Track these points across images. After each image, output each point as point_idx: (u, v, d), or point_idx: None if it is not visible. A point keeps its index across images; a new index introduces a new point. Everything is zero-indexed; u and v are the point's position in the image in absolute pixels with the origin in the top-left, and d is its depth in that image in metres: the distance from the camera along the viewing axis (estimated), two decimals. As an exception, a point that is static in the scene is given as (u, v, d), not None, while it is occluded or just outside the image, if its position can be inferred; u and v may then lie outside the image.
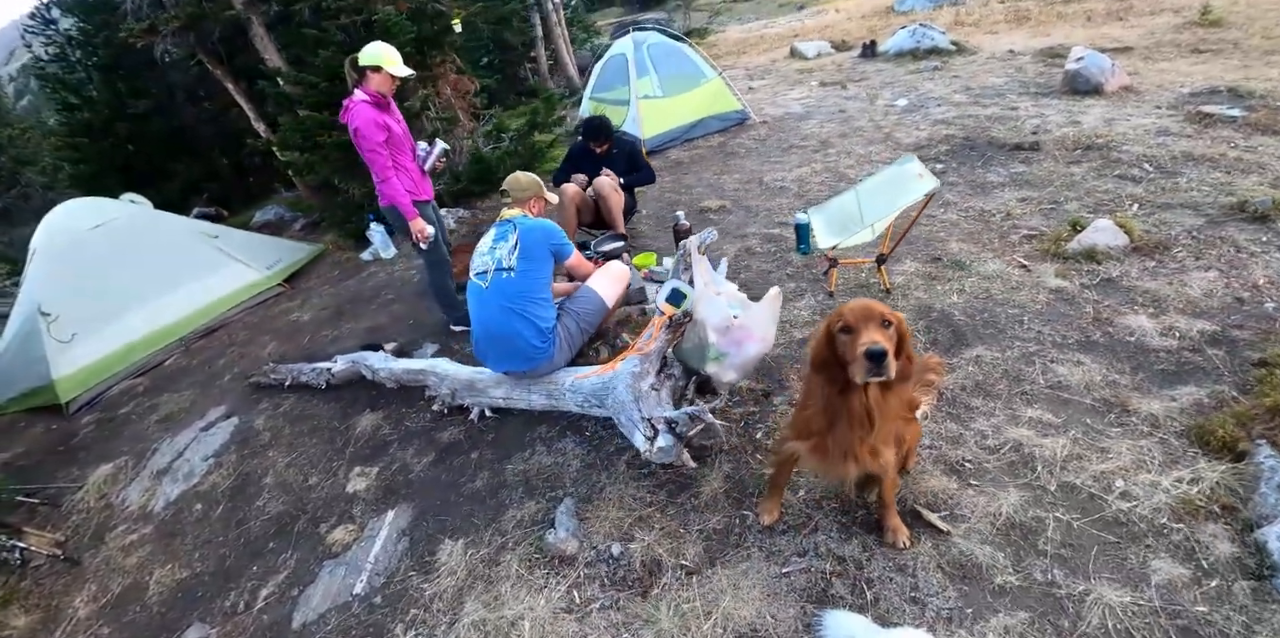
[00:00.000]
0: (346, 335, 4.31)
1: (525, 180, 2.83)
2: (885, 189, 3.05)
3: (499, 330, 2.45)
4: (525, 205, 2.81)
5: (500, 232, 2.63)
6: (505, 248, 2.54)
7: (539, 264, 2.53)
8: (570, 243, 2.72)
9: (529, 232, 2.56)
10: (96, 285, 4.91)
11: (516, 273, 2.47)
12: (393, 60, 3.03)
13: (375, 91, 3.04)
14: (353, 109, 2.98)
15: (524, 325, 2.42)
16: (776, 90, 8.39)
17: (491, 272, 2.52)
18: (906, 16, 13.23)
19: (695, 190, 5.14)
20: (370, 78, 3.03)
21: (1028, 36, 9.12)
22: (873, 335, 1.46)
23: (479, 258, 2.61)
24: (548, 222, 2.69)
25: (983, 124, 5.29)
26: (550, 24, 11.09)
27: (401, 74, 3.05)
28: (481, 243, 2.68)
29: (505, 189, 2.80)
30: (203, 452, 3.45)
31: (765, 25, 16.68)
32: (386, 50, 3.02)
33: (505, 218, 2.70)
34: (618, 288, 2.81)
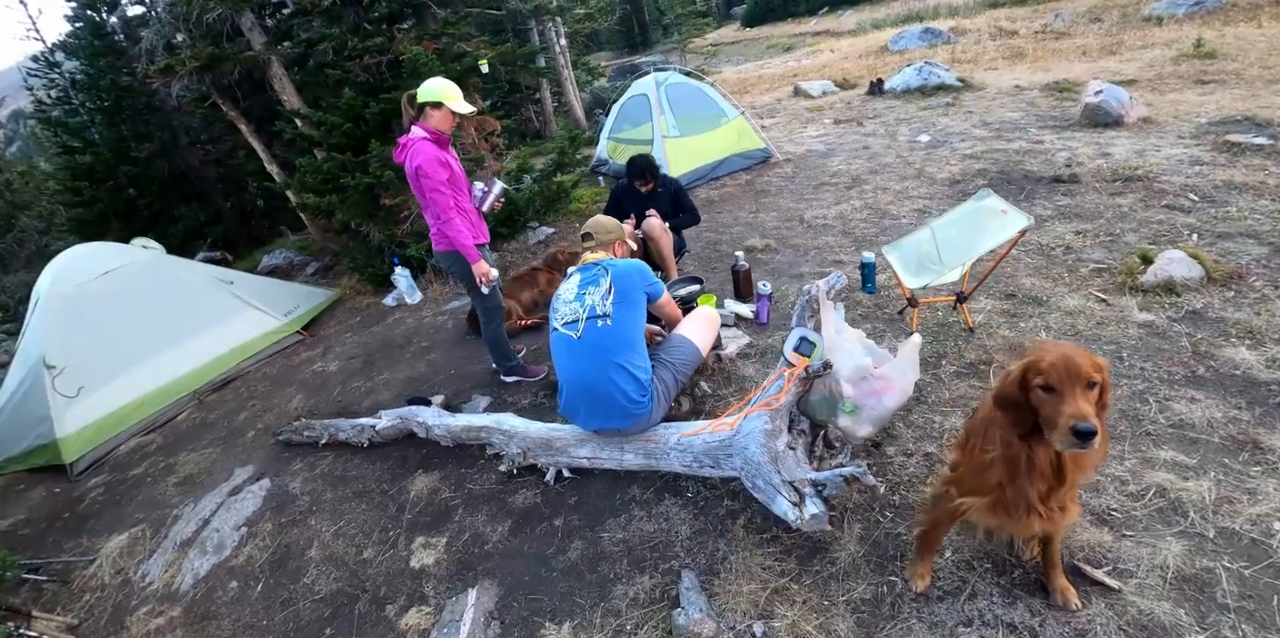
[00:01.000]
0: (381, 387, 4.08)
1: (609, 223, 2.70)
2: (965, 226, 2.94)
3: (597, 386, 2.25)
4: (609, 249, 2.67)
5: (589, 276, 2.45)
6: (597, 293, 2.35)
7: (635, 310, 2.35)
8: (660, 282, 2.57)
9: (624, 275, 2.39)
10: (105, 336, 4.64)
11: (614, 320, 2.28)
12: (454, 96, 2.89)
13: (435, 129, 2.89)
14: (412, 147, 2.83)
15: (624, 379, 2.23)
16: (791, 128, 8.48)
17: (584, 320, 2.32)
18: (902, 55, 13.66)
19: (734, 230, 5.05)
20: (430, 115, 2.88)
21: (1029, 72, 9.37)
22: (1079, 405, 1.29)
23: (564, 306, 2.41)
24: (638, 261, 2.53)
25: (1013, 158, 5.30)
26: (557, 65, 11.27)
27: (464, 110, 2.91)
28: (563, 290, 2.49)
29: (589, 232, 2.65)
30: (233, 519, 3.12)
31: (761, 66, 17.15)
32: (447, 86, 2.88)
33: (589, 261, 2.53)
34: (711, 334, 2.64)
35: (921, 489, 2.15)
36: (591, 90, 14.48)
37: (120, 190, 9.51)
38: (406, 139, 2.88)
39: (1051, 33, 13.36)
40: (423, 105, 2.87)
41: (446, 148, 2.96)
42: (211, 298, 5.25)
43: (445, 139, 2.93)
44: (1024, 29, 14.50)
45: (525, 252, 5.88)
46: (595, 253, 2.61)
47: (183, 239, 9.78)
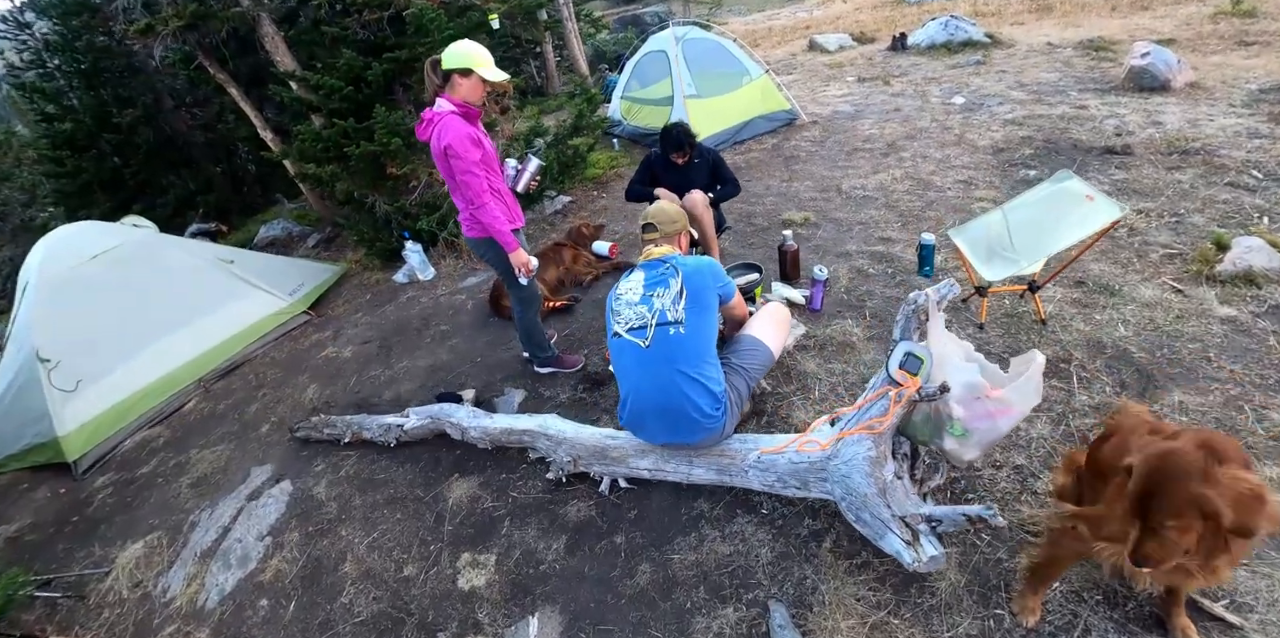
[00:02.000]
0: (402, 376, 3.85)
1: (673, 211, 2.39)
2: (1041, 211, 2.69)
3: (668, 400, 2.04)
4: (674, 241, 2.37)
5: (655, 275, 2.18)
6: (667, 296, 2.10)
7: (708, 315, 2.12)
8: (732, 280, 2.33)
9: (695, 275, 2.13)
10: (100, 324, 4.35)
11: (687, 328, 2.04)
12: (484, 61, 2.46)
13: (464, 101, 2.49)
14: (439, 123, 2.45)
15: (697, 392, 2.02)
16: (812, 87, 8.02)
17: (653, 327, 2.08)
18: (920, 7, 12.95)
19: (767, 200, 4.76)
20: (458, 84, 2.47)
21: (1059, 27, 8.86)
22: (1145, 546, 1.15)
23: (628, 310, 2.16)
24: (709, 259, 2.25)
25: (1058, 125, 4.98)
26: (561, 18, 10.59)
27: (497, 78, 2.50)
28: (624, 289, 2.23)
29: (651, 222, 2.35)
30: (256, 528, 2.89)
31: (769, 17, 16.31)
32: (476, 50, 2.45)
33: (654, 257, 2.26)
34: (783, 335, 2.43)
35: (1017, 508, 1.98)
36: (593, 44, 13.74)
37: (104, 159, 9.00)
38: (431, 113, 2.51)
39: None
40: (448, 73, 2.47)
41: (476, 122, 2.58)
42: (211, 279, 4.95)
43: (475, 112, 2.54)
44: (1048, -22, 13.74)
45: (542, 222, 5.57)
46: (659, 247, 2.32)
47: (174, 209, 9.35)
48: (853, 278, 3.42)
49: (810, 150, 5.64)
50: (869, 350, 2.80)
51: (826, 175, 4.97)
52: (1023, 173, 4.31)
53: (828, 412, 2.45)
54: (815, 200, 4.56)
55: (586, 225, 4.44)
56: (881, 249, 3.66)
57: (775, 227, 4.28)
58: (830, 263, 3.62)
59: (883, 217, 4.08)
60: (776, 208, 4.57)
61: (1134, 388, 2.40)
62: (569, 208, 5.69)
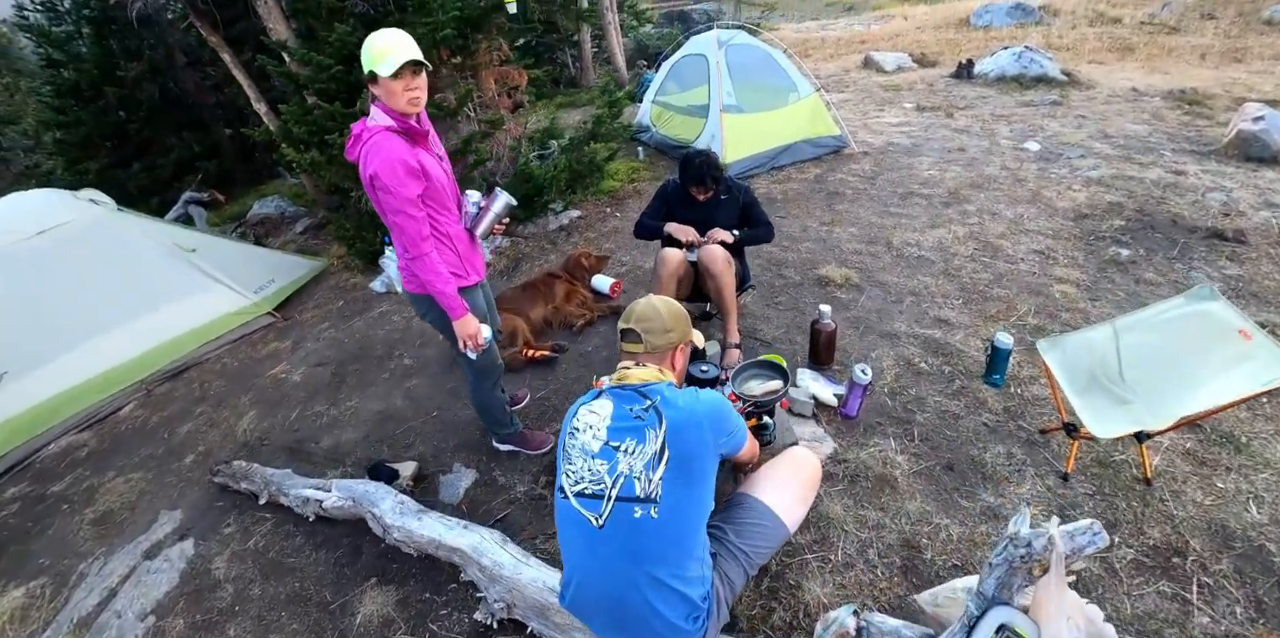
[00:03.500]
0: (347, 420, 3.26)
1: (670, 314, 1.64)
2: (1172, 341, 2.03)
3: (625, 606, 1.41)
4: (665, 359, 1.65)
5: (627, 417, 1.47)
6: (639, 454, 1.42)
7: (697, 489, 1.44)
8: (743, 425, 1.62)
9: (688, 428, 1.44)
10: (36, 310, 3.87)
11: (662, 509, 1.38)
12: (380, 55, 1.73)
13: (401, 110, 1.81)
14: (368, 143, 1.81)
15: (668, 601, 1.38)
16: (865, 110, 7.30)
17: (611, 500, 1.42)
18: (986, 32, 12.11)
19: (803, 246, 4.09)
20: (375, 92, 1.82)
21: (1142, 72, 8.06)
22: None
23: (580, 458, 1.49)
24: (714, 398, 1.54)
25: (1152, 192, 4.26)
26: (602, 7, 9.90)
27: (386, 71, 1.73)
28: (583, 421, 1.53)
29: (633, 329, 1.62)
30: (140, 602, 2.40)
31: (823, 26, 15.46)
32: (379, 41, 1.74)
33: (631, 382, 1.54)
34: (808, 500, 1.75)
35: None
36: (636, 37, 13.02)
37: (108, 112, 8.51)
38: (361, 127, 1.85)
39: (1160, 25, 11.74)
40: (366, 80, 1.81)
41: (423, 142, 1.92)
42: (168, 269, 4.40)
43: (417, 130, 1.87)
44: (1128, 18, 12.81)
45: (543, 239, 4.93)
46: (642, 367, 1.59)
47: (172, 171, 8.86)
48: (899, 373, 2.75)
49: (858, 187, 4.95)
50: (914, 494, 2.14)
51: (875, 222, 4.29)
52: (1112, 251, 3.61)
53: (851, 590, 1.82)
54: (860, 255, 3.88)
55: (587, 255, 3.80)
56: (937, 335, 2.98)
57: (809, 284, 3.62)
58: (872, 347, 2.96)
59: (940, 287, 3.41)
60: (813, 258, 3.90)
61: (1273, 612, 1.73)
62: (576, 225, 5.05)
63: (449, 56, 4.16)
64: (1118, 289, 3.26)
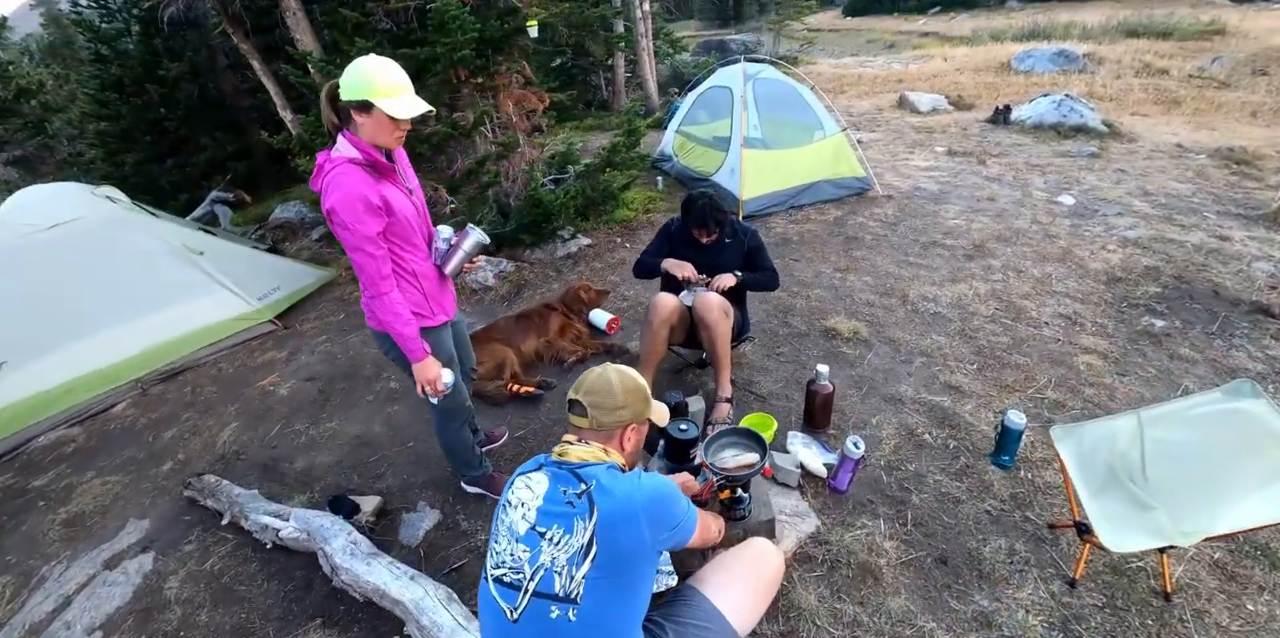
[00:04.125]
0: (324, 442, 3.18)
1: (624, 391, 1.41)
2: (1205, 440, 1.83)
3: None
4: (614, 439, 1.43)
5: (558, 501, 1.29)
6: (566, 545, 1.24)
7: (632, 591, 1.27)
8: (691, 516, 1.41)
9: (623, 523, 1.24)
10: (40, 302, 3.93)
11: (583, 611, 1.21)
12: (390, 88, 1.67)
13: (368, 144, 1.73)
14: (329, 175, 1.71)
15: None
16: (894, 151, 7.15)
17: (527, 594, 1.25)
18: (1027, 78, 11.94)
19: (814, 293, 3.92)
20: (357, 122, 1.71)
21: (1189, 127, 7.81)
22: None
23: (506, 538, 1.32)
24: (657, 485, 1.35)
25: (1193, 258, 4.03)
26: (635, 34, 9.97)
27: (405, 113, 1.69)
28: (514, 495, 1.36)
29: (579, 401, 1.41)
30: (91, 615, 2.37)
31: (861, 63, 15.43)
32: (380, 72, 1.66)
33: (569, 460, 1.36)
34: (763, 604, 1.55)
35: None
36: (672, 63, 13.10)
37: (148, 109, 8.80)
38: (325, 157, 1.75)
39: (1209, 80, 11.46)
40: (344, 108, 1.71)
41: (389, 176, 1.82)
42: (175, 270, 4.43)
43: (384, 164, 1.77)
44: (1175, 70, 12.55)
45: (549, 266, 4.85)
46: (584, 444, 1.40)
47: (204, 169, 9.09)
48: (900, 444, 2.55)
49: (878, 233, 4.78)
50: (899, 589, 1.94)
51: (892, 272, 4.11)
52: (1146, 320, 3.38)
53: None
54: (872, 307, 3.70)
55: (587, 288, 3.67)
56: (946, 403, 2.78)
57: (815, 335, 3.45)
58: (874, 411, 2.77)
59: (954, 349, 3.21)
60: (822, 308, 3.73)
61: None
62: (584, 253, 4.95)
63: (467, 76, 4.14)
64: (1149, 364, 3.03)
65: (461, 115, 4.39)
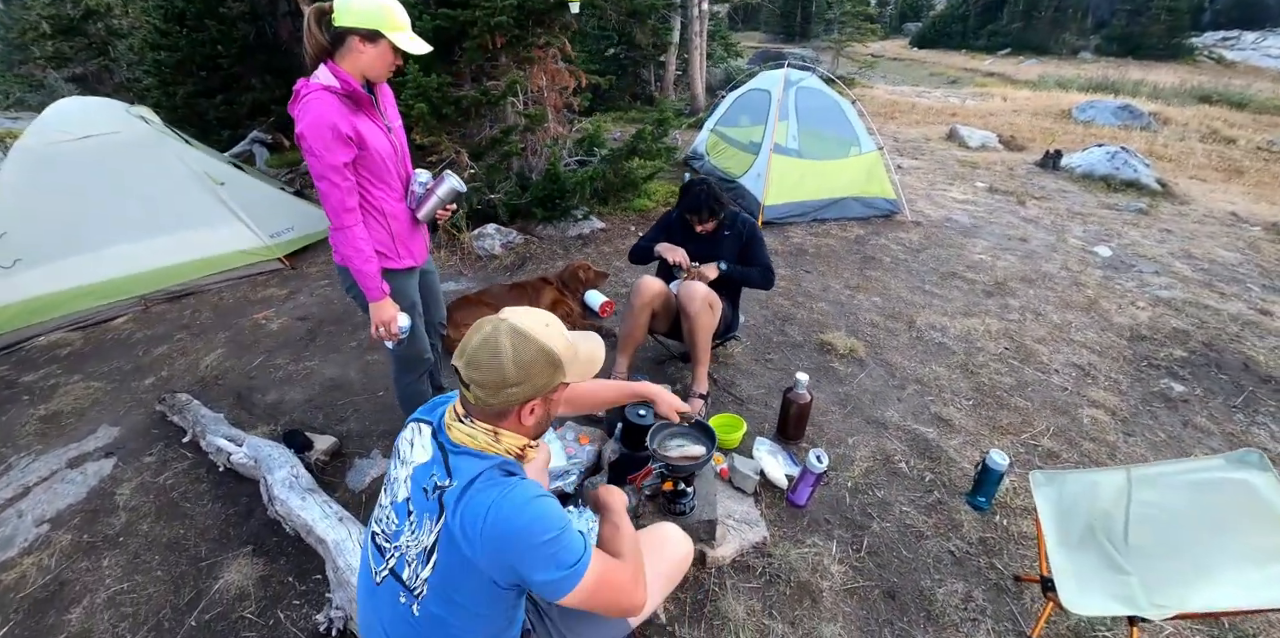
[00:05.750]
0: (299, 379, 3.19)
1: (516, 363, 1.06)
2: (1196, 509, 1.68)
3: None
4: (511, 416, 1.12)
5: (426, 477, 1.12)
6: (417, 540, 1.10)
7: (473, 614, 1.10)
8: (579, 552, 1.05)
9: (463, 542, 1.04)
10: (62, 208, 4.02)
11: (424, 610, 1.09)
12: (403, 22, 1.68)
13: (354, 75, 1.69)
14: (305, 100, 1.66)
15: None
16: (933, 181, 6.97)
17: (387, 567, 1.15)
18: (1086, 128, 11.64)
19: (817, 306, 3.80)
20: (357, 50, 1.66)
21: (1249, 197, 7.51)
22: None
23: (387, 495, 1.20)
24: (520, 522, 1.03)
25: (1228, 328, 3.82)
26: (690, 32, 9.87)
27: (416, 51, 1.71)
28: (403, 444, 1.21)
29: (459, 368, 1.09)
30: (43, 508, 2.42)
31: (919, 92, 15.20)
32: (395, 7, 1.67)
33: (449, 437, 1.13)
34: (664, 590, 1.43)
35: None
36: (726, 68, 12.99)
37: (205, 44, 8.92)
38: (304, 84, 1.69)
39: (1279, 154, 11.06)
40: (343, 32, 1.65)
41: (367, 108, 1.76)
42: (194, 196, 4.47)
43: (363, 96, 1.72)
44: (1244, 140, 12.14)
45: (558, 243, 4.78)
46: (469, 425, 1.12)
47: (250, 109, 9.19)
48: (871, 468, 2.43)
49: (898, 257, 4.63)
50: (837, 617, 1.82)
51: (904, 297, 3.96)
52: (1164, 383, 3.20)
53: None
54: (875, 328, 3.57)
55: (586, 267, 3.59)
56: (931, 435, 2.65)
57: (810, 347, 3.33)
58: (853, 431, 2.64)
59: (952, 382, 3.07)
60: (823, 321, 3.61)
61: None
62: (596, 236, 4.88)
63: (503, 44, 4.09)
64: (1159, 428, 2.86)
65: (495, 84, 4.35)
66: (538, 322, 1.10)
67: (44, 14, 11.28)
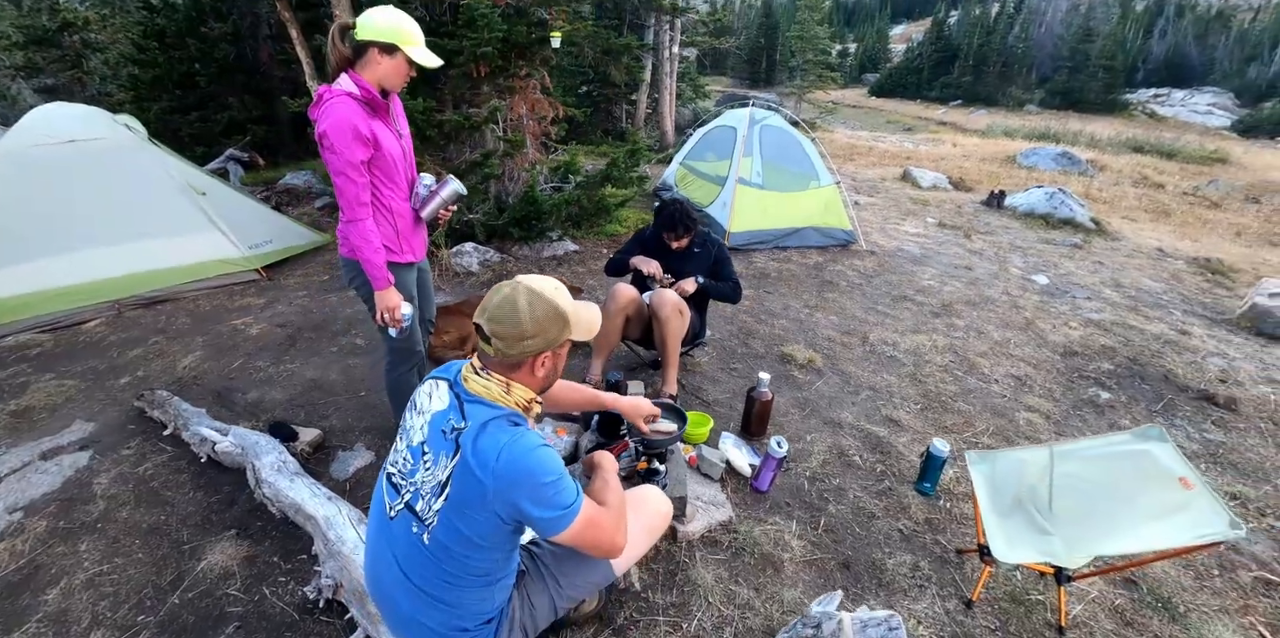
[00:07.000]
0: (280, 380, 3.24)
1: (532, 319, 1.23)
2: (1109, 476, 1.94)
3: (398, 606, 1.32)
4: (524, 368, 1.29)
5: (444, 420, 1.26)
6: (432, 475, 1.24)
7: (476, 546, 1.23)
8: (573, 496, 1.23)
9: (472, 478, 1.18)
10: (39, 210, 4.04)
11: (434, 539, 1.24)
12: (417, 38, 1.91)
13: (373, 84, 1.90)
14: (326, 103, 1.86)
15: (436, 617, 1.28)
16: (887, 216, 7.45)
17: (403, 501, 1.30)
18: (1029, 172, 12.55)
19: (778, 323, 4.06)
20: (375, 61, 1.88)
21: (1174, 236, 8.22)
22: None
23: (403, 440, 1.35)
24: (532, 460, 1.19)
25: (1151, 345, 4.21)
26: (661, 73, 10.44)
27: (429, 63, 1.93)
28: (421, 395, 1.36)
29: (481, 324, 1.26)
30: (16, 496, 2.42)
31: (875, 138, 16.14)
32: (408, 22, 1.89)
33: (465, 388, 1.29)
34: (644, 544, 1.58)
35: None
36: (694, 108, 13.65)
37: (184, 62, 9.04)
38: (326, 90, 1.90)
39: (1203, 199, 12.11)
40: (364, 45, 1.87)
41: (382, 115, 1.98)
42: (175, 204, 4.51)
43: (380, 102, 1.94)
44: (1172, 186, 13.25)
45: (534, 262, 4.98)
46: (484, 376, 1.28)
47: (225, 128, 9.26)
48: (828, 460, 2.64)
49: (854, 282, 4.97)
50: (797, 583, 1.99)
51: (859, 317, 4.26)
52: (1092, 391, 3.52)
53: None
54: (831, 342, 3.83)
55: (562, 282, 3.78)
56: (882, 433, 2.88)
57: (772, 358, 3.57)
58: (811, 430, 2.86)
59: (902, 389, 3.33)
60: (784, 336, 3.86)
61: None
62: (570, 257, 5.10)
63: (487, 74, 4.36)
64: (1087, 429, 3.15)
65: (477, 111, 4.60)
66: (548, 285, 1.30)
67: (17, 24, 11.25)
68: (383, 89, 1.95)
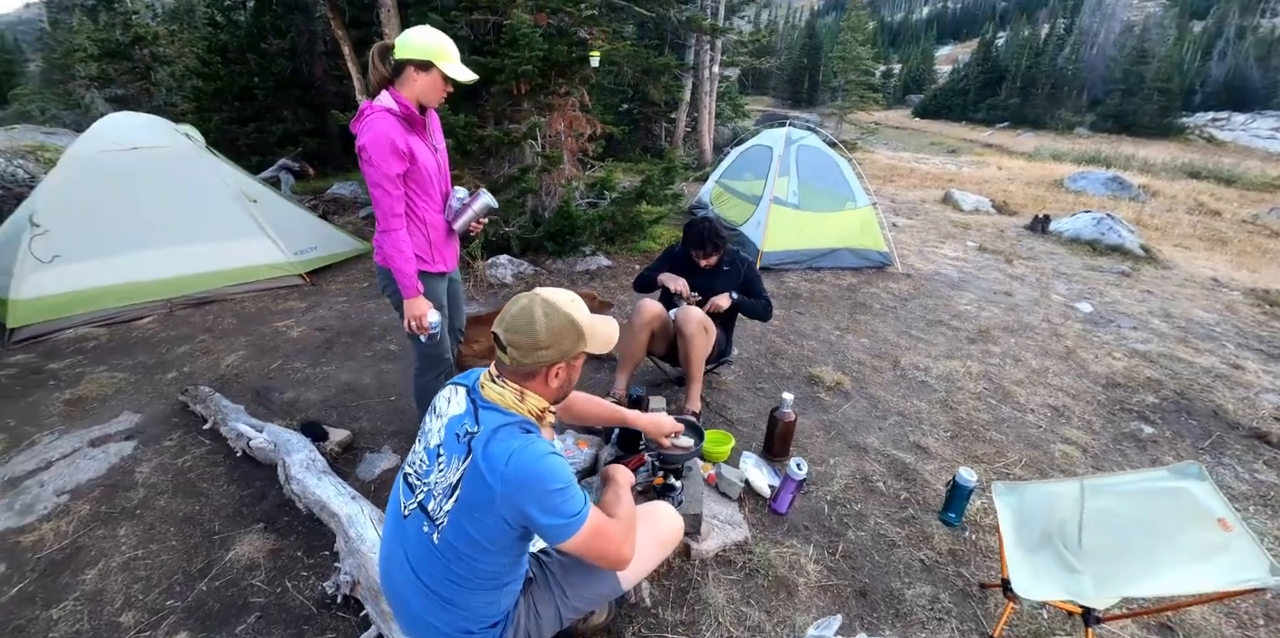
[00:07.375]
0: (317, 381, 3.38)
1: (549, 330, 1.26)
2: (1142, 513, 1.84)
3: (408, 604, 1.36)
4: (538, 378, 1.32)
5: (459, 424, 1.30)
6: (444, 477, 1.28)
7: (483, 549, 1.25)
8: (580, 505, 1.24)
9: (481, 483, 1.21)
10: (103, 212, 4.32)
11: (444, 540, 1.27)
12: (451, 54, 1.99)
13: (411, 100, 1.99)
14: (367, 118, 1.96)
15: (444, 618, 1.31)
16: (925, 239, 7.33)
17: (416, 501, 1.34)
18: (1077, 197, 12.20)
19: (808, 344, 4.02)
20: (412, 78, 1.97)
21: (1230, 266, 7.86)
22: None
23: (420, 442, 1.40)
24: (540, 468, 1.21)
25: (1200, 379, 4.02)
26: (701, 92, 10.55)
27: (463, 77, 2.00)
28: (441, 399, 1.40)
29: (499, 333, 1.28)
30: (64, 481, 2.55)
31: (917, 159, 15.94)
32: (443, 41, 1.98)
33: (481, 395, 1.33)
34: (655, 558, 1.58)
35: None
36: (734, 127, 13.72)
37: (244, 76, 9.57)
38: (369, 105, 2.00)
39: (1263, 227, 11.57)
40: (402, 64, 1.96)
41: (419, 130, 2.06)
42: (228, 210, 4.78)
43: (417, 118, 2.03)
44: (1230, 213, 12.70)
45: (566, 276, 5.06)
46: (500, 385, 1.32)
47: (280, 139, 9.73)
48: (850, 485, 2.58)
49: (887, 305, 4.89)
50: (810, 608, 1.95)
51: (891, 340, 4.19)
52: (1135, 425, 3.38)
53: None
54: (861, 365, 3.77)
55: (592, 297, 3.80)
56: (909, 460, 2.81)
57: (799, 379, 3.53)
58: (835, 453, 2.81)
59: (932, 415, 3.25)
60: (813, 357, 3.82)
61: None
62: (602, 272, 5.16)
63: (527, 91, 4.50)
64: (1128, 464, 3.01)
65: (516, 128, 4.74)
66: (565, 297, 1.33)
67: (93, 37, 12.06)
68: (421, 105, 2.04)
